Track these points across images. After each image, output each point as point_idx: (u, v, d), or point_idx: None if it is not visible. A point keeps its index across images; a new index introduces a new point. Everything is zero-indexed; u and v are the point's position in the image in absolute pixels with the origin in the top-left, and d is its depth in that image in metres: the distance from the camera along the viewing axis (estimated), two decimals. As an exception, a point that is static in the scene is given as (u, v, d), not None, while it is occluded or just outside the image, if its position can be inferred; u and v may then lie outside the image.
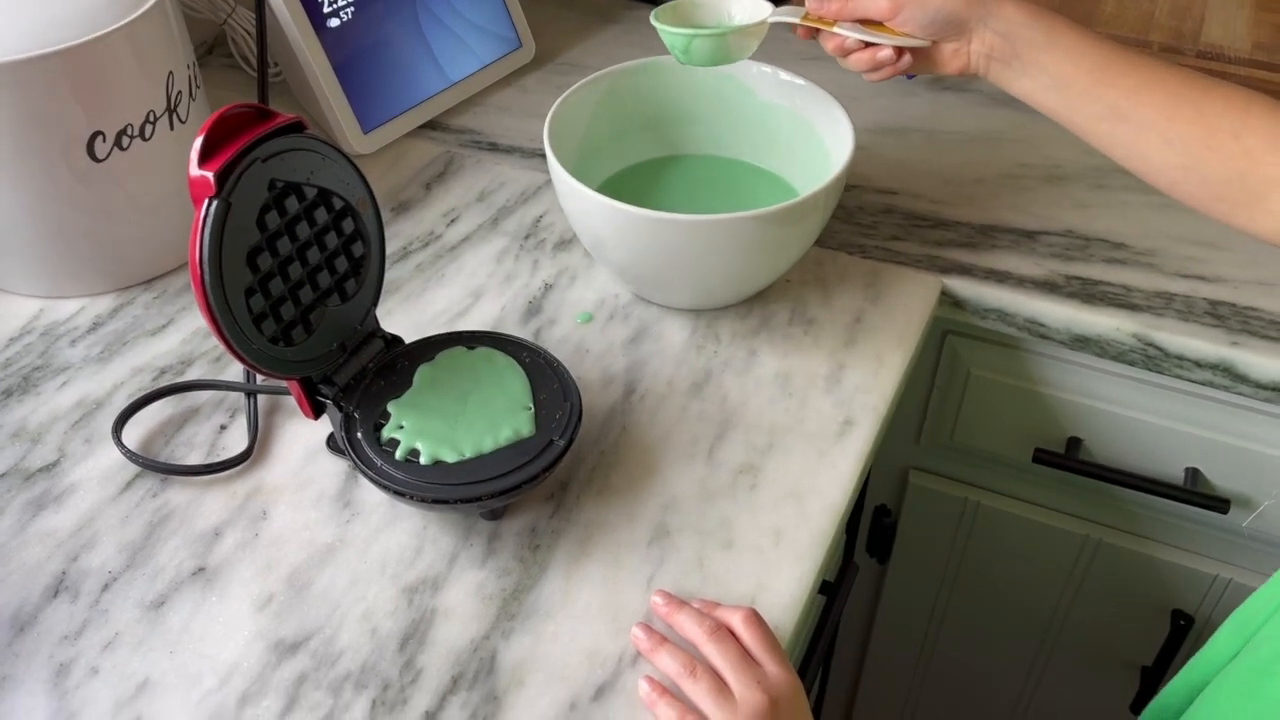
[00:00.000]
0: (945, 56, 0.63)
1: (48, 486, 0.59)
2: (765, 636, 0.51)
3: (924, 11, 0.61)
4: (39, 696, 0.50)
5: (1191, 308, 0.70)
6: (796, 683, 0.50)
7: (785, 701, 0.48)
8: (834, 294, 0.71)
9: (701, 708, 0.48)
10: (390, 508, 0.58)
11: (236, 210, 0.50)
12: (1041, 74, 0.60)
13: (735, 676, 0.49)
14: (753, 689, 0.48)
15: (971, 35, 0.61)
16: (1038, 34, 0.59)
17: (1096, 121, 0.59)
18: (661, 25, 0.66)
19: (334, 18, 0.81)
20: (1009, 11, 0.60)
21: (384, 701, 0.50)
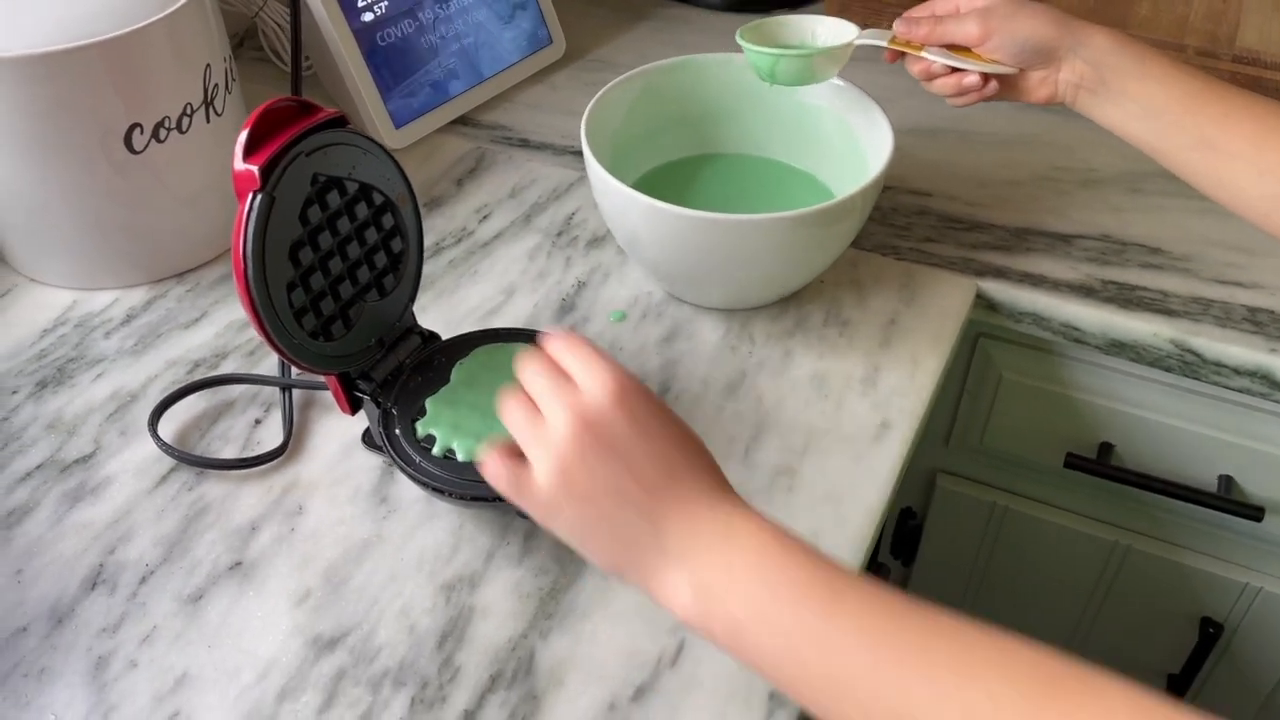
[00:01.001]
0: (1032, 84, 0.63)
1: (84, 478, 0.59)
2: (579, 350, 0.43)
3: (1013, 39, 0.60)
4: (78, 689, 0.50)
5: (1229, 314, 0.69)
6: (617, 392, 0.42)
7: (598, 417, 0.41)
8: (869, 295, 0.71)
9: (518, 440, 0.43)
10: (426, 504, 0.58)
11: (280, 204, 0.50)
12: (1130, 103, 0.59)
13: (544, 401, 0.43)
14: (559, 411, 0.41)
15: (1060, 63, 0.61)
16: (1127, 62, 0.59)
17: (1186, 151, 0.59)
18: (747, 44, 0.66)
19: (367, 11, 0.81)
20: (1099, 40, 0.59)
21: (423, 699, 0.49)
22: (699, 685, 0.50)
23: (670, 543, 0.40)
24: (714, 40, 0.97)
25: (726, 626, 0.39)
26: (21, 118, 0.62)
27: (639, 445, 0.41)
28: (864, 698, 0.36)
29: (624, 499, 0.41)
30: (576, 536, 0.43)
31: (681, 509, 0.40)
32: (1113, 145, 0.83)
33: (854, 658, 0.36)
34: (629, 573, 0.42)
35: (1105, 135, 0.85)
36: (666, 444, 0.42)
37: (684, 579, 0.40)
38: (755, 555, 0.39)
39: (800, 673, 0.38)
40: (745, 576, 0.39)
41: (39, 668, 0.50)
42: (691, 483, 0.41)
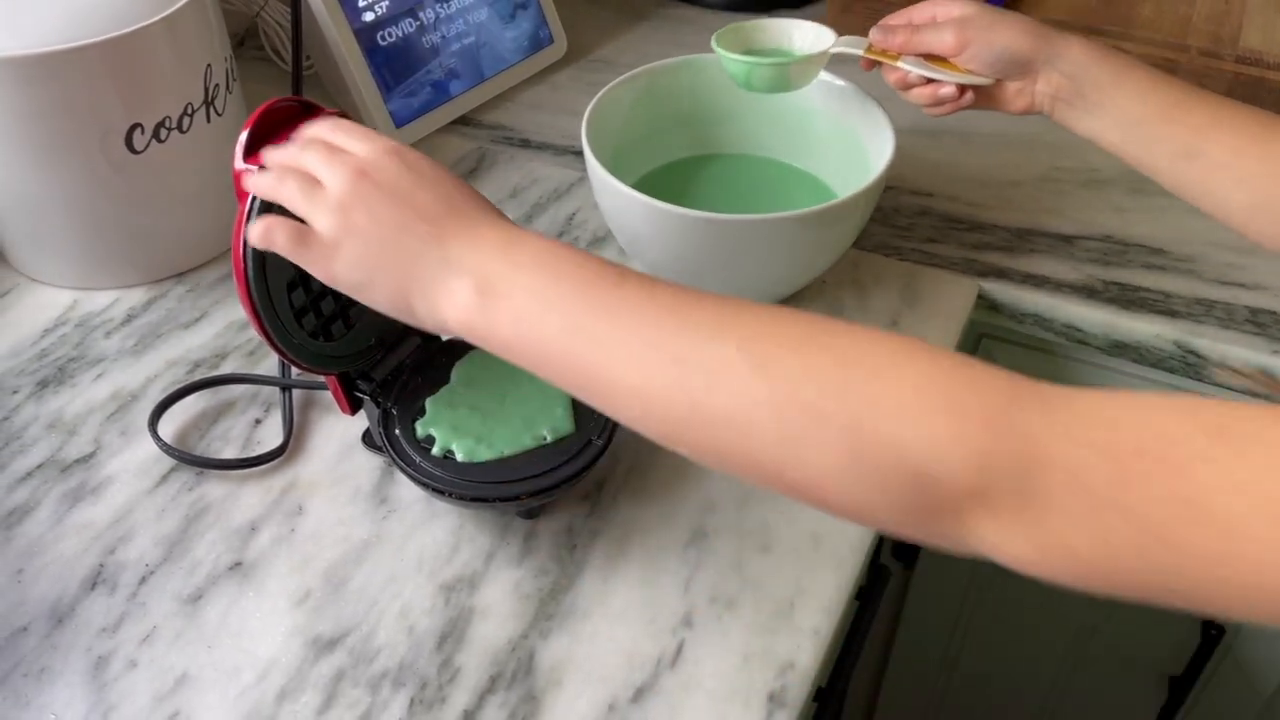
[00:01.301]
0: (1009, 95, 0.62)
1: (84, 478, 0.59)
2: (348, 127, 0.45)
3: (989, 49, 0.60)
4: (77, 689, 0.49)
5: (1232, 315, 0.69)
6: (392, 147, 0.44)
7: (374, 167, 0.43)
8: (870, 296, 0.71)
9: (297, 211, 0.44)
10: (426, 505, 0.58)
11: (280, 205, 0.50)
12: (1107, 114, 0.59)
13: (320, 169, 0.43)
14: (335, 169, 0.43)
15: (1037, 75, 0.60)
16: (1105, 73, 0.59)
17: (1166, 160, 0.58)
18: (722, 51, 0.66)
19: (368, 11, 0.81)
20: (1075, 52, 0.59)
21: (422, 700, 0.49)
22: (698, 686, 0.50)
23: (454, 254, 0.41)
24: (716, 40, 0.97)
25: (511, 317, 0.40)
26: (22, 118, 0.62)
27: (417, 186, 0.43)
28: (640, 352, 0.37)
29: (406, 229, 0.42)
30: (360, 275, 0.43)
31: (465, 230, 0.42)
32: (1115, 146, 0.84)
33: (639, 320, 0.38)
34: (414, 297, 0.42)
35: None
36: (445, 185, 0.43)
37: (467, 282, 0.41)
38: (541, 254, 0.41)
39: (586, 349, 0.39)
40: (531, 268, 0.40)
41: (39, 667, 0.50)
42: (472, 211, 0.42)
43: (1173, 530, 0.30)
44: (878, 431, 0.34)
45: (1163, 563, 0.31)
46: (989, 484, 0.32)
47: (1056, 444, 0.32)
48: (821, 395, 0.34)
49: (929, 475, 0.33)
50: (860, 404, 0.34)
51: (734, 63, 0.66)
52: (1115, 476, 0.31)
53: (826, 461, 0.34)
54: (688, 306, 0.38)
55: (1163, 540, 0.31)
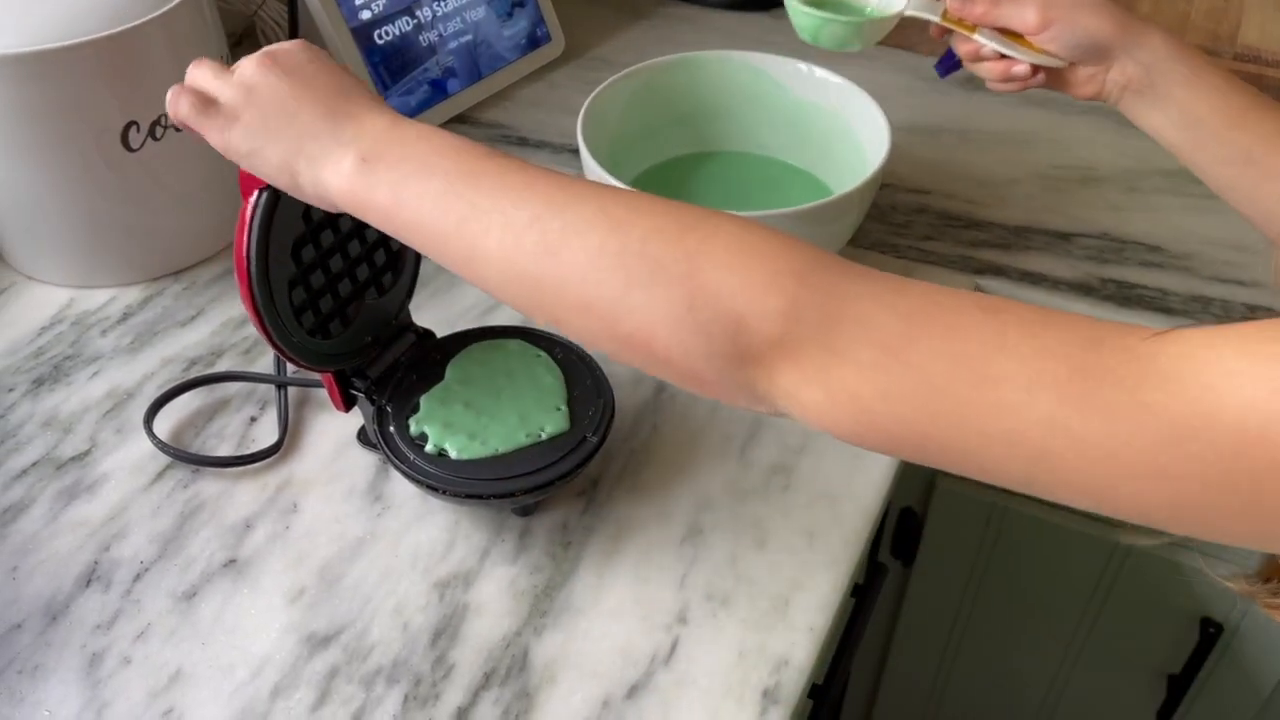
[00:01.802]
0: (1079, 79, 0.61)
1: (79, 476, 0.59)
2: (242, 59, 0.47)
3: (1072, 32, 0.59)
4: (71, 685, 0.49)
5: (1229, 312, 0.69)
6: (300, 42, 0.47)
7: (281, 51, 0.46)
8: (866, 294, 0.70)
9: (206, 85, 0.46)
10: (421, 502, 0.58)
11: (284, 201, 0.50)
12: (1174, 110, 0.58)
13: (211, 86, 0.46)
14: (226, 86, 0.46)
15: (1112, 62, 0.59)
16: (1180, 69, 0.58)
17: (1222, 164, 0.58)
18: (793, 3, 0.64)
19: (365, 10, 0.81)
20: (1155, 42, 0.58)
21: (416, 696, 0.49)
22: (692, 683, 0.50)
23: (344, 132, 0.44)
24: (713, 38, 0.97)
25: (390, 184, 0.42)
26: (17, 116, 0.62)
27: (319, 72, 0.46)
28: (508, 213, 0.40)
29: (303, 105, 0.44)
30: (252, 143, 0.45)
31: (357, 111, 0.44)
32: (1111, 144, 0.84)
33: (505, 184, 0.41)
34: (300, 166, 0.44)
35: (1104, 134, 0.85)
36: (344, 76, 0.46)
37: (353, 155, 0.43)
38: (424, 132, 0.43)
39: (458, 211, 0.41)
40: (414, 141, 0.43)
41: (33, 664, 0.50)
42: (364, 100, 0.45)
43: (942, 381, 0.34)
44: (708, 281, 0.37)
45: (932, 411, 0.35)
46: (794, 331, 0.36)
47: (855, 301, 0.36)
48: (665, 249, 0.38)
49: (746, 320, 0.37)
50: (697, 257, 0.38)
51: (804, 16, 0.64)
52: (901, 331, 0.35)
53: (662, 310, 0.38)
54: (553, 176, 0.42)
55: (933, 390, 0.34)
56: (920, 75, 0.91)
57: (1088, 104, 0.84)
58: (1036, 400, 0.33)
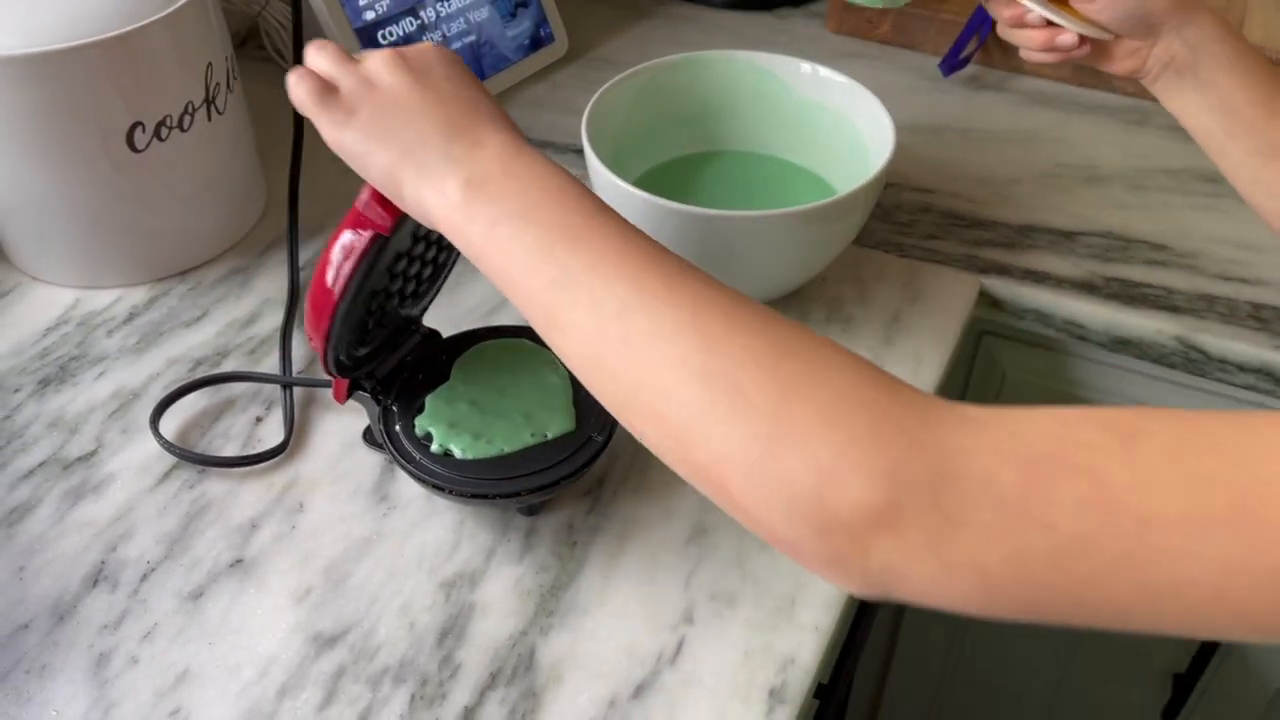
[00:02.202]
0: (1120, 53, 0.59)
1: (86, 476, 0.59)
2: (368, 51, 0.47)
3: (1126, 4, 0.57)
4: (79, 685, 0.50)
5: (1234, 311, 0.69)
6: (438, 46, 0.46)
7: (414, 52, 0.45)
8: (871, 293, 0.71)
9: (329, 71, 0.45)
10: (427, 502, 0.58)
11: (388, 250, 0.49)
12: (1211, 94, 0.57)
13: (333, 73, 0.45)
14: (348, 76, 0.44)
15: (1159, 38, 0.58)
16: (1224, 52, 0.57)
17: (1249, 154, 0.57)
18: None
19: (369, 10, 0.81)
20: (1205, 21, 0.57)
21: (423, 696, 0.49)
22: (699, 682, 0.50)
23: (457, 149, 0.42)
24: (716, 38, 0.97)
25: (488, 219, 0.40)
26: (23, 116, 0.62)
27: (446, 78, 0.44)
28: (598, 291, 0.37)
29: (423, 112, 0.42)
30: (364, 145, 0.43)
31: (475, 128, 0.42)
32: (1115, 142, 0.84)
33: (600, 255, 0.38)
34: (405, 178, 0.42)
35: (1108, 132, 0.85)
36: (472, 86, 0.44)
37: (459, 178, 0.41)
38: (537, 168, 0.41)
39: (548, 271, 0.39)
40: (522, 177, 0.41)
41: (40, 664, 0.50)
42: (488, 115, 0.43)
43: (1086, 535, 0.29)
44: (797, 425, 0.33)
45: (1077, 572, 0.30)
46: (898, 497, 0.31)
47: (970, 457, 0.31)
48: (754, 378, 0.34)
49: (838, 480, 0.32)
50: (788, 394, 0.33)
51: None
52: (1025, 483, 0.30)
53: (741, 449, 0.34)
54: (653, 257, 0.38)
55: (1076, 547, 0.30)
56: (924, 74, 0.91)
57: (1091, 103, 0.84)
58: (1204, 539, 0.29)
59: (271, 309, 0.69)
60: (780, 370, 0.34)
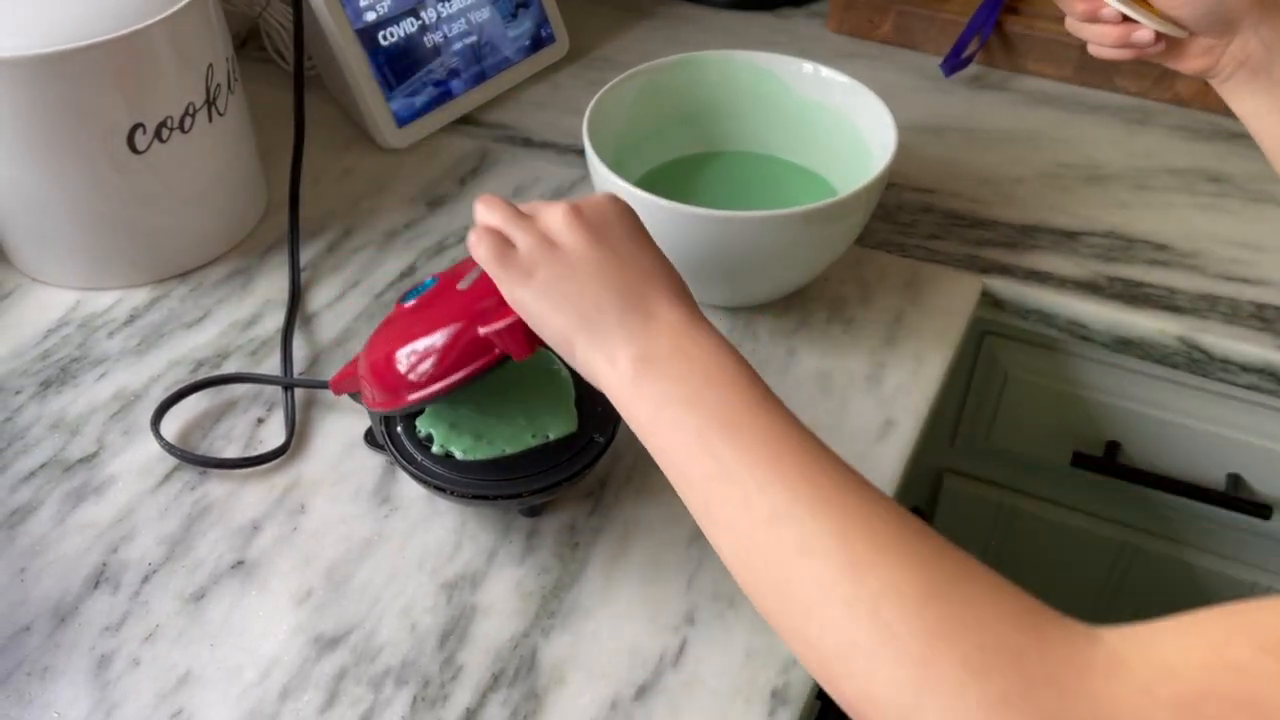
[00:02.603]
0: (1193, 51, 0.58)
1: (87, 478, 0.59)
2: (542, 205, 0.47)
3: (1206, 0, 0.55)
4: (80, 687, 0.49)
5: (1237, 311, 0.69)
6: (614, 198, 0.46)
7: (592, 209, 0.45)
8: (873, 293, 0.70)
9: (507, 229, 0.45)
10: (429, 503, 0.58)
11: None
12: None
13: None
14: (554, 205, 0.45)
15: (1235, 36, 0.56)
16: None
17: None
18: None
19: (370, 11, 0.81)
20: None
21: (425, 697, 0.49)
22: (701, 684, 0.50)
23: (630, 319, 0.42)
24: (717, 38, 0.97)
25: (654, 400, 0.40)
26: (24, 118, 0.62)
27: (623, 238, 0.44)
28: (751, 493, 0.37)
29: (601, 276, 0.43)
30: (541, 305, 0.43)
31: (649, 297, 0.43)
32: (1118, 142, 0.84)
33: (756, 454, 0.38)
34: (579, 343, 0.43)
35: (1110, 131, 0.85)
36: (647, 247, 0.44)
37: (630, 353, 0.41)
38: (706, 350, 0.41)
39: (705, 463, 0.39)
40: (690, 357, 0.41)
41: (42, 666, 0.50)
42: (662, 281, 0.43)
43: None
44: (945, 676, 0.32)
45: None
46: None
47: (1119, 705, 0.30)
48: (901, 616, 0.33)
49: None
50: (936, 641, 0.32)
51: None
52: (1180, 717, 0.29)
53: (885, 692, 0.33)
54: (809, 457, 0.38)
55: None
56: (925, 74, 0.91)
57: (1093, 102, 0.84)
58: None
59: (273, 310, 0.69)
60: (927, 612, 0.33)
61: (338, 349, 0.67)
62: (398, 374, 0.51)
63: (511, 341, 0.48)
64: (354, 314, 0.69)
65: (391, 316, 0.55)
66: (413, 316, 0.53)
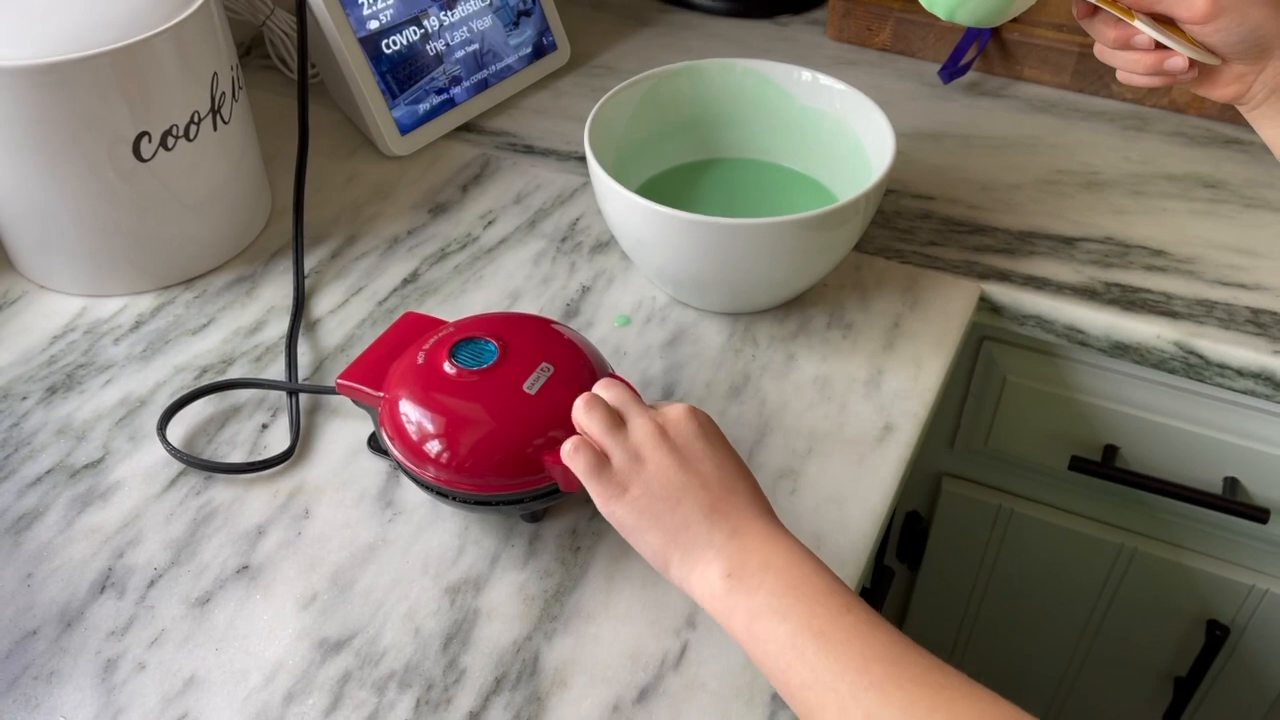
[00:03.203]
0: (1225, 78, 0.57)
1: (93, 483, 0.59)
2: (624, 394, 0.50)
3: (1241, 25, 0.54)
4: (87, 691, 0.50)
5: (1233, 316, 0.69)
6: (691, 410, 0.48)
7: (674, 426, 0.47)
8: (872, 299, 0.71)
9: (600, 442, 0.48)
10: (431, 508, 0.58)
11: None
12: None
13: (629, 409, 0.48)
14: (639, 417, 0.48)
15: (1269, 63, 0.55)
16: None
17: None
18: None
19: (373, 20, 0.81)
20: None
21: (428, 701, 0.50)
22: (702, 686, 0.50)
23: (719, 538, 0.45)
24: (717, 46, 0.98)
25: (748, 613, 0.43)
26: (31, 126, 0.63)
27: (706, 455, 0.47)
28: (845, 700, 0.39)
29: (687, 495, 0.46)
30: (635, 520, 0.46)
31: (734, 513, 0.45)
32: (1115, 148, 0.84)
33: (847, 661, 0.40)
34: (673, 559, 0.45)
35: (1107, 138, 0.85)
36: (729, 463, 0.47)
37: (721, 569, 0.44)
38: (791, 559, 0.44)
39: (800, 669, 0.41)
40: (780, 570, 0.43)
41: (49, 670, 0.51)
42: (744, 495, 0.46)
43: None
44: None
45: None
46: None
47: None
48: None
49: None
50: None
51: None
52: None
53: None
54: (897, 659, 0.40)
55: None
56: (924, 81, 0.92)
57: (1090, 109, 0.85)
58: None
59: (277, 316, 0.70)
60: None
61: (341, 354, 0.67)
62: (445, 456, 0.52)
63: (568, 481, 0.51)
64: (358, 320, 0.70)
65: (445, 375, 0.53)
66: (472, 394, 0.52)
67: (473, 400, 0.52)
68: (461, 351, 0.54)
